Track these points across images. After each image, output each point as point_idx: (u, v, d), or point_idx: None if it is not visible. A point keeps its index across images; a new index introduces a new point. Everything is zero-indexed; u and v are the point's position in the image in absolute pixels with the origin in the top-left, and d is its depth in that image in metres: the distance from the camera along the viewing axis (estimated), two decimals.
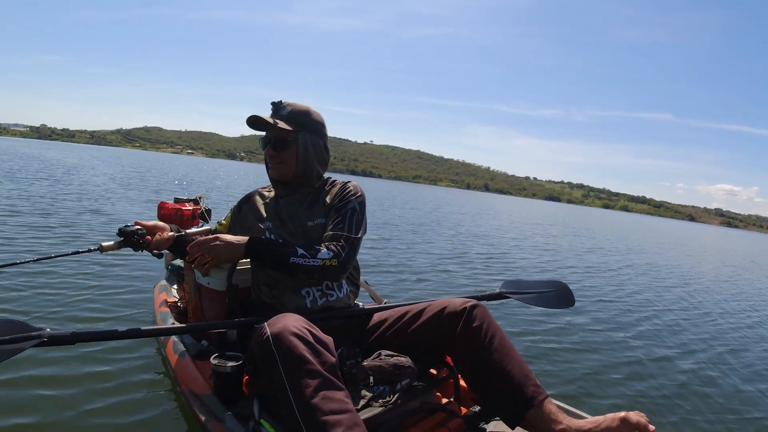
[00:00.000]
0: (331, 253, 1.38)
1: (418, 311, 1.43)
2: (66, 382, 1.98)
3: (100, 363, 2.16)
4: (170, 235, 1.51)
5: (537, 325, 3.60)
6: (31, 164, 17.30)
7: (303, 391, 1.04)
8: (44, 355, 2.13)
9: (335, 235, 1.44)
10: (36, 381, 1.95)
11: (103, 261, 4.02)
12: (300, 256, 1.35)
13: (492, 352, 1.28)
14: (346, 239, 1.44)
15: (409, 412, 1.38)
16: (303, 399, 1.03)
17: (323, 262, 1.36)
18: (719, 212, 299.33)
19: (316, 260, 1.36)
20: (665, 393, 2.64)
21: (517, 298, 1.77)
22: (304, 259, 1.35)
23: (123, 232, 1.44)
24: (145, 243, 1.47)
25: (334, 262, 1.38)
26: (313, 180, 1.57)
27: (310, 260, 1.35)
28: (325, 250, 1.39)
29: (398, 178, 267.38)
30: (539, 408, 1.22)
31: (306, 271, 1.36)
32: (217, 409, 1.34)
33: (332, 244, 1.42)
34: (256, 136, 1.62)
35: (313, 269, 1.36)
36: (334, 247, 1.40)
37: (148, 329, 1.32)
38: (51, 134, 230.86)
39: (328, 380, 1.06)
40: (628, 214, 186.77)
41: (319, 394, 1.03)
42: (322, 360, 1.09)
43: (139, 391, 1.98)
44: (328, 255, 1.38)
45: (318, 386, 1.04)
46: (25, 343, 1.11)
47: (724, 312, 5.36)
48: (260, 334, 1.15)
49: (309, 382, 1.04)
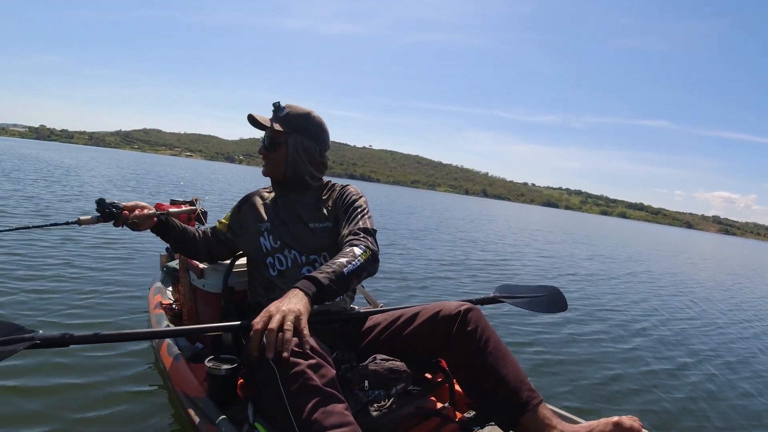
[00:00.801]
0: (360, 248, 1.33)
1: (412, 314, 1.43)
2: (58, 384, 1.97)
3: (93, 365, 2.15)
4: (151, 212, 1.52)
5: (533, 330, 3.60)
6: (29, 164, 17.27)
7: (302, 407, 1.02)
8: (36, 357, 2.12)
9: (354, 231, 1.42)
10: (28, 384, 1.94)
11: (101, 262, 4.01)
12: (348, 264, 1.26)
13: (487, 355, 1.28)
14: (365, 231, 1.42)
15: (404, 416, 1.38)
16: (302, 416, 1.01)
17: (363, 257, 1.31)
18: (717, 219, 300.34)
19: (359, 259, 1.29)
20: (662, 401, 2.63)
21: (510, 302, 1.77)
22: (351, 264, 1.27)
23: (99, 203, 1.47)
24: (122, 217, 1.49)
25: (368, 253, 1.33)
26: (305, 182, 1.56)
27: (355, 262, 1.28)
28: (356, 248, 1.33)
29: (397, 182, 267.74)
30: (534, 412, 1.21)
31: (358, 275, 1.29)
32: (211, 412, 1.33)
33: (355, 239, 1.38)
34: (255, 140, 1.63)
35: (362, 269, 1.29)
36: (359, 242, 1.37)
37: (143, 332, 1.31)
38: (50, 135, 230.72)
39: (328, 395, 1.05)
40: (625, 220, 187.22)
41: (319, 409, 1.01)
42: (322, 374, 1.07)
43: (132, 393, 1.97)
44: (360, 250, 1.32)
45: (318, 402, 1.02)
46: (17, 345, 1.09)
47: (725, 321, 5.35)
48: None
49: (309, 398, 1.02)
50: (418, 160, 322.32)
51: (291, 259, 1.50)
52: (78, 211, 7.03)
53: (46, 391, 1.90)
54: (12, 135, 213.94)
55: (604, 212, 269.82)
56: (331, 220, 1.53)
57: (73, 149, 75.48)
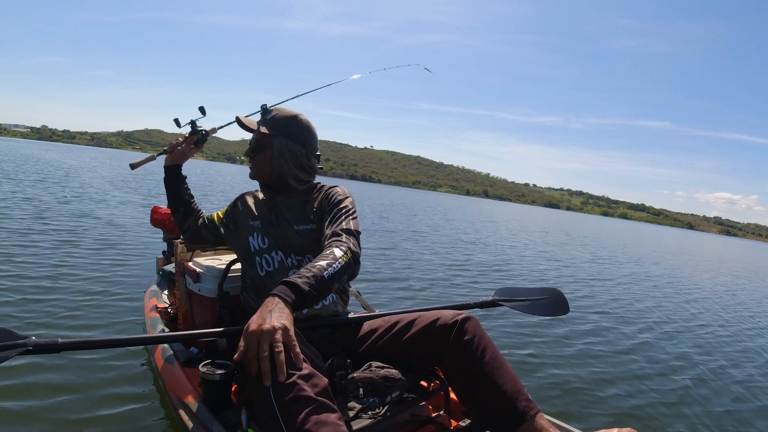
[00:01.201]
0: (341, 249, 1.31)
1: (408, 321, 1.41)
2: (52, 388, 1.96)
3: (86, 368, 2.14)
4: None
5: (531, 337, 3.56)
6: (30, 166, 17.30)
7: (294, 418, 1.00)
8: (29, 363, 2.10)
9: (336, 232, 1.40)
10: (20, 390, 1.92)
11: (97, 265, 4.01)
12: (328, 267, 1.24)
13: (483, 365, 1.26)
14: (347, 232, 1.39)
15: (399, 424, 1.37)
16: (294, 426, 1.00)
17: (344, 259, 1.28)
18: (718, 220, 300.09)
19: (339, 261, 1.27)
20: (660, 409, 2.60)
21: (510, 305, 1.72)
22: (332, 268, 1.25)
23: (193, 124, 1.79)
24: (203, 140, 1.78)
25: (348, 255, 1.31)
26: (290, 184, 1.55)
27: (335, 264, 1.26)
28: (336, 249, 1.31)
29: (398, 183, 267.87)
30: (531, 423, 1.20)
31: (339, 278, 1.27)
32: (205, 417, 1.32)
33: (336, 240, 1.36)
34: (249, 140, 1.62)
35: (342, 272, 1.27)
36: (340, 243, 1.34)
37: (137, 337, 1.30)
38: (52, 135, 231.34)
39: (320, 404, 1.03)
40: (627, 221, 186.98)
41: (311, 419, 1.00)
42: (314, 383, 1.05)
43: (126, 397, 1.96)
44: (341, 252, 1.30)
45: (310, 412, 1.01)
46: (9, 352, 1.08)
47: (725, 324, 5.33)
48: None
49: (301, 408, 1.01)
50: (420, 161, 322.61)
51: (278, 260, 1.49)
52: (78, 212, 7.02)
53: (39, 395, 1.89)
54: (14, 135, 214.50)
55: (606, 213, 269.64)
56: (316, 222, 1.51)
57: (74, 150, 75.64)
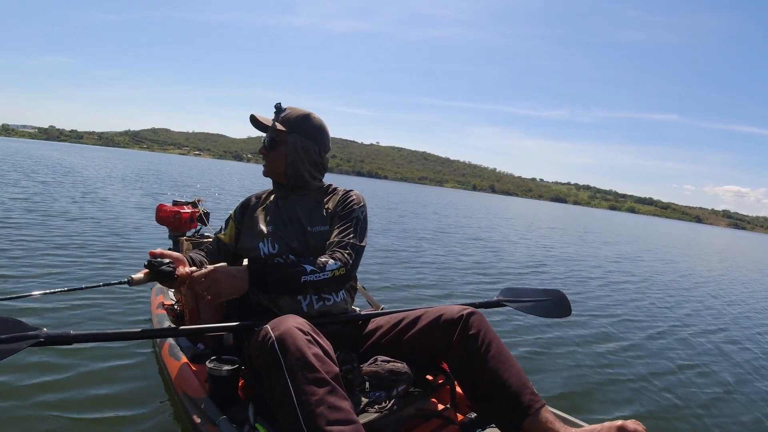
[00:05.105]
0: (339, 262, 1.36)
1: (414, 318, 1.42)
2: (59, 384, 1.98)
3: (94, 365, 2.16)
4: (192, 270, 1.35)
5: (537, 332, 3.54)
6: (39, 165, 17.45)
7: (309, 398, 1.01)
8: (37, 356, 2.13)
9: (341, 243, 1.43)
10: (29, 383, 1.95)
11: (104, 261, 4.04)
12: (310, 273, 1.31)
13: (489, 359, 1.27)
14: (352, 247, 1.43)
15: (404, 418, 1.37)
16: (308, 406, 1.01)
17: (332, 273, 1.34)
18: (727, 214, 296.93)
19: (326, 273, 1.33)
20: (666, 404, 2.57)
21: (514, 306, 1.76)
22: (315, 275, 1.32)
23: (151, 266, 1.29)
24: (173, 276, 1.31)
25: (342, 270, 1.36)
26: (305, 182, 1.57)
27: (320, 274, 1.32)
28: (332, 260, 1.36)
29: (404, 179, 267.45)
30: (536, 416, 1.20)
31: (317, 286, 1.34)
32: (212, 413, 1.33)
33: (339, 252, 1.40)
34: (262, 138, 1.62)
35: (323, 283, 1.34)
36: (340, 255, 1.39)
37: (146, 331, 1.32)
38: (59, 135, 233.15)
39: (334, 389, 1.05)
40: (635, 215, 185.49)
41: (325, 402, 1.01)
42: (327, 368, 1.07)
43: (133, 393, 1.98)
44: (335, 265, 1.35)
45: (324, 395, 1.02)
46: (21, 343, 1.10)
47: (733, 321, 5.27)
48: (263, 337, 1.13)
49: (315, 390, 1.02)
50: (426, 157, 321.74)
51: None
52: (82, 214, 7.08)
53: (47, 390, 1.91)
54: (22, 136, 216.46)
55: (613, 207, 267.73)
56: (329, 224, 1.53)
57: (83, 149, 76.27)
